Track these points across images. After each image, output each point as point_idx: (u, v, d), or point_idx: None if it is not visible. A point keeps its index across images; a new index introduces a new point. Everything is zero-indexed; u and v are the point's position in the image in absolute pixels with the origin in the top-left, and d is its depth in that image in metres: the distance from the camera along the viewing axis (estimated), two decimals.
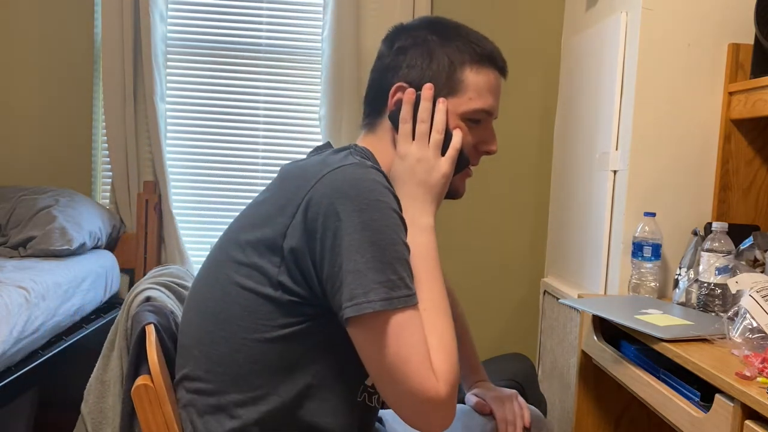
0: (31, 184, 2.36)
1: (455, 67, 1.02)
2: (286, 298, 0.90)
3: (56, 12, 2.42)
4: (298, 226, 0.89)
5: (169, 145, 2.46)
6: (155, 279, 1.19)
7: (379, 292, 0.84)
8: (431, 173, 0.99)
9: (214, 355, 0.95)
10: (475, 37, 1.07)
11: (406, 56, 1.03)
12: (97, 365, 1.13)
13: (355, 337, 0.88)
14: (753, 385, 1.04)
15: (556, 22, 2.50)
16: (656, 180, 1.80)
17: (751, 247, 1.55)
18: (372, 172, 0.91)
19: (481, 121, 1.05)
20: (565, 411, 2.05)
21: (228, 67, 2.48)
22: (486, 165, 2.51)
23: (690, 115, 1.79)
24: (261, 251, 0.91)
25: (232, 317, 0.93)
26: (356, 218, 0.86)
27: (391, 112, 1.03)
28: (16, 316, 1.57)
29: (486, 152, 1.08)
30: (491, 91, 1.04)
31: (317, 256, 0.88)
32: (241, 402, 0.93)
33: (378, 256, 0.85)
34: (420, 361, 0.85)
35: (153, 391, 0.94)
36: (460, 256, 2.55)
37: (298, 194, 0.90)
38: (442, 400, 0.86)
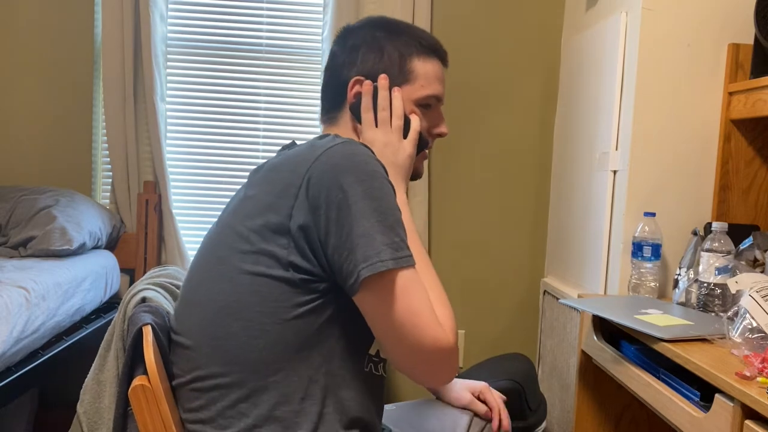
0: (31, 184, 2.36)
1: (405, 58, 1.12)
2: (298, 277, 0.95)
3: (56, 12, 2.42)
4: (303, 204, 0.94)
5: (169, 145, 2.46)
6: (152, 280, 1.19)
7: (388, 252, 0.91)
8: (398, 155, 1.10)
9: (233, 347, 0.97)
10: (419, 31, 1.16)
11: (359, 52, 1.13)
12: (93, 365, 1.14)
13: (367, 299, 0.93)
14: (753, 385, 1.04)
15: (556, 22, 2.50)
16: (656, 180, 1.80)
17: (751, 247, 1.56)
18: (362, 147, 0.98)
19: (431, 107, 1.15)
20: (565, 411, 2.05)
21: (228, 67, 2.49)
22: (486, 165, 2.53)
23: (690, 115, 1.79)
24: (267, 237, 0.96)
25: (248, 305, 0.97)
26: (358, 188, 0.92)
27: (352, 104, 1.12)
28: (16, 316, 1.57)
29: (438, 135, 1.18)
30: (438, 79, 1.15)
31: (323, 230, 0.93)
32: (263, 387, 0.96)
33: (382, 220, 0.92)
34: (429, 312, 0.93)
35: (150, 392, 0.94)
36: (460, 256, 2.55)
37: (297, 176, 0.96)
38: (452, 347, 0.94)
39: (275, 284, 0.95)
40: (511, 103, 2.53)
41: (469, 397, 1.30)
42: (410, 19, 2.40)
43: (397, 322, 0.92)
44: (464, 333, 2.57)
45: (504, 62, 2.52)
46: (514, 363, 2.18)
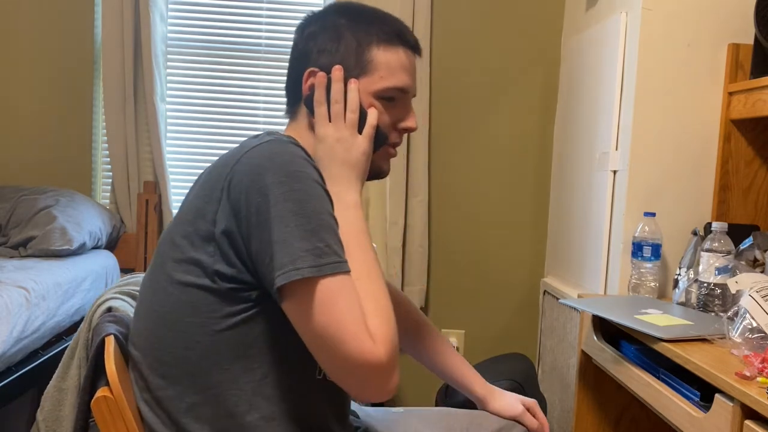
0: (31, 184, 2.36)
1: (363, 47, 1.03)
2: (225, 287, 0.90)
3: (56, 12, 2.42)
4: (225, 209, 0.89)
5: (169, 145, 2.46)
6: (120, 288, 1.17)
7: (307, 260, 0.84)
8: (351, 152, 1.01)
9: (169, 358, 0.94)
10: (384, 18, 1.07)
11: (316, 41, 1.05)
12: (56, 373, 1.11)
13: (288, 309, 0.87)
14: (753, 385, 1.04)
15: (556, 22, 2.50)
16: (656, 180, 1.80)
17: (750, 247, 1.55)
18: (289, 146, 0.92)
19: (395, 99, 1.06)
20: (565, 411, 2.05)
21: (228, 67, 2.49)
22: (486, 165, 2.53)
23: (690, 115, 1.79)
24: (196, 244, 0.91)
25: (180, 316, 0.93)
26: (277, 191, 0.86)
27: (306, 97, 1.05)
28: (16, 316, 1.57)
29: (405, 129, 1.09)
30: (403, 69, 1.05)
31: (245, 236, 0.88)
32: (203, 401, 0.93)
33: (302, 224, 0.85)
34: (355, 324, 0.85)
35: (113, 403, 0.92)
36: (460, 256, 2.55)
37: (220, 180, 0.91)
38: (383, 363, 0.85)
39: (203, 295, 0.91)
40: (511, 103, 2.53)
41: (521, 408, 1.24)
42: (410, 20, 2.40)
43: (318, 333, 0.85)
44: (464, 333, 2.57)
45: (504, 62, 2.52)
46: (514, 363, 2.18)
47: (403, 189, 2.44)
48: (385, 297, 0.92)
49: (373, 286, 0.91)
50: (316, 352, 0.88)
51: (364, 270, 0.92)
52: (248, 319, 0.92)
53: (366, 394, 0.89)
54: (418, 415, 1.24)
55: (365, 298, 0.88)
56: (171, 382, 0.94)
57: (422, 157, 2.46)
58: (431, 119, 2.48)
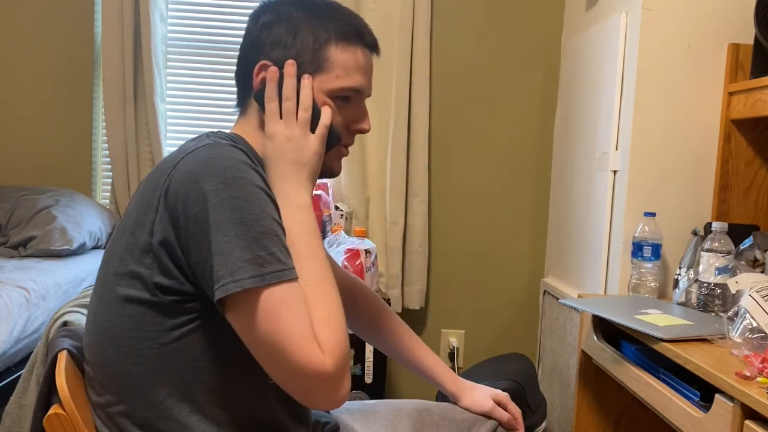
0: (31, 184, 2.36)
1: (320, 44, 0.98)
2: (166, 300, 0.87)
3: (56, 12, 2.42)
4: (163, 218, 0.86)
5: (169, 145, 2.46)
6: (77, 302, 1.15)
7: (247, 270, 0.81)
8: (301, 151, 0.96)
9: (116, 374, 0.91)
10: (343, 14, 1.02)
11: (270, 33, 1.00)
12: (16, 388, 1.09)
13: (232, 320, 0.84)
14: (753, 385, 1.04)
15: (556, 22, 2.50)
16: (656, 180, 1.80)
17: (751, 247, 1.55)
18: (227, 149, 0.88)
19: (350, 99, 1.02)
20: (565, 411, 2.05)
21: (228, 67, 2.48)
22: (486, 165, 2.53)
23: (690, 115, 1.79)
24: (136, 256, 0.88)
25: (124, 331, 0.90)
26: (214, 198, 0.83)
27: (257, 91, 1.00)
28: (16, 316, 1.57)
29: (358, 131, 1.05)
30: (359, 69, 1.01)
31: (184, 246, 0.85)
32: (156, 416, 0.90)
33: (242, 233, 0.82)
34: (301, 335, 0.82)
35: (66, 420, 0.90)
36: (460, 256, 2.55)
37: (157, 187, 0.87)
38: (330, 373, 0.83)
39: (144, 309, 0.88)
40: (511, 103, 2.53)
41: (491, 403, 1.22)
42: (410, 20, 2.40)
43: (263, 344, 0.82)
44: (464, 333, 2.57)
45: (504, 62, 2.52)
46: (514, 363, 2.18)
47: (403, 189, 2.44)
48: (336, 303, 0.89)
49: (322, 291, 0.88)
50: (263, 362, 0.85)
51: (314, 275, 0.89)
52: (193, 330, 0.89)
53: (315, 404, 0.88)
54: (391, 407, 1.22)
55: (314, 305, 0.86)
56: (122, 397, 0.91)
57: (422, 157, 2.45)
58: (431, 119, 2.48)
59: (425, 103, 2.45)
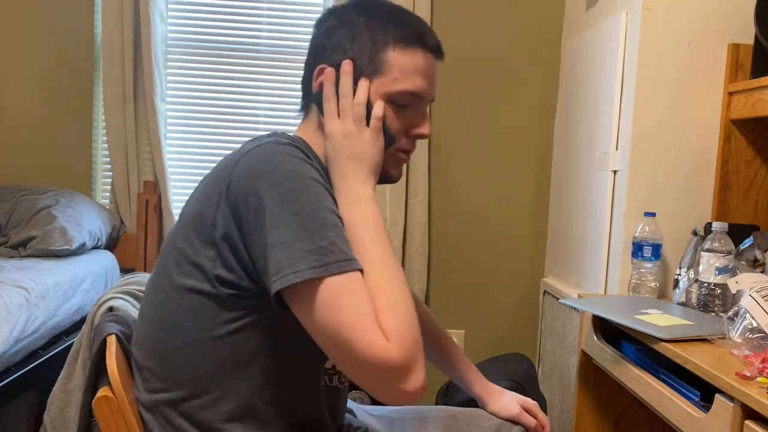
0: (31, 184, 2.36)
1: (378, 47, 0.99)
2: (225, 293, 0.89)
3: (56, 12, 2.42)
4: (225, 213, 0.88)
5: (169, 145, 2.46)
6: (121, 288, 1.17)
7: (309, 261, 0.82)
8: (357, 146, 0.97)
9: (169, 363, 0.94)
10: (405, 18, 1.03)
11: (331, 38, 1.01)
12: (61, 375, 1.11)
13: (294, 311, 0.85)
14: (753, 385, 1.04)
15: (556, 22, 2.50)
16: (656, 180, 1.80)
17: (751, 247, 1.55)
18: (286, 147, 0.90)
19: (409, 104, 1.01)
20: (565, 411, 2.05)
21: (228, 67, 2.49)
22: (486, 165, 2.53)
23: (690, 115, 1.79)
24: (196, 248, 0.90)
25: (180, 320, 0.92)
26: (274, 193, 0.85)
27: (315, 94, 1.01)
28: (16, 316, 1.57)
29: (418, 136, 1.04)
30: (419, 73, 1.00)
31: (246, 239, 0.87)
32: (202, 405, 0.92)
33: (302, 224, 0.83)
34: (363, 323, 0.81)
35: (115, 403, 0.92)
36: (460, 256, 2.55)
37: (219, 183, 0.90)
38: (396, 361, 0.81)
39: (203, 300, 0.90)
40: (511, 103, 2.53)
41: (518, 408, 1.22)
42: None
43: (326, 335, 0.82)
44: (464, 333, 2.57)
45: (504, 62, 2.52)
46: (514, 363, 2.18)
47: (403, 189, 2.44)
48: (402, 291, 0.88)
49: (387, 280, 0.87)
50: (331, 355, 0.86)
51: (378, 264, 0.88)
52: (248, 325, 0.91)
53: (388, 396, 0.84)
54: (417, 414, 1.23)
55: (378, 294, 0.85)
56: (170, 386, 0.94)
57: (422, 157, 2.46)
58: (431, 119, 2.48)
59: None
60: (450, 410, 1.24)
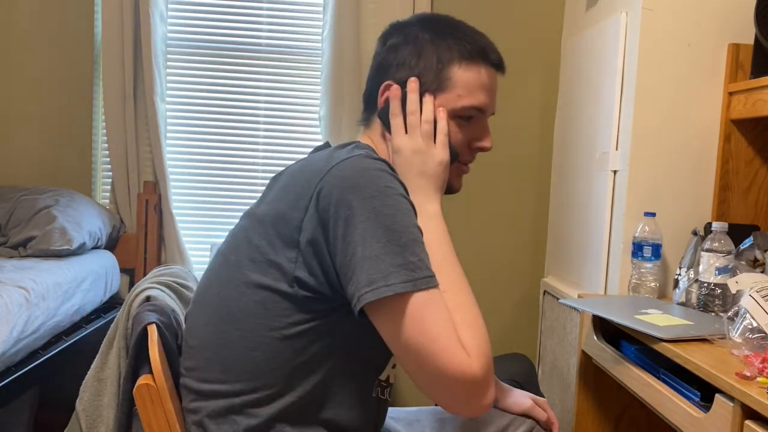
0: (31, 184, 2.36)
1: (443, 64, 1.02)
2: (301, 294, 0.91)
3: (56, 12, 2.42)
4: (312, 218, 0.90)
5: (169, 145, 2.46)
6: (156, 279, 1.19)
7: (400, 275, 0.84)
8: (427, 162, 1.01)
9: (230, 355, 0.95)
10: (468, 33, 1.06)
11: (396, 54, 1.04)
12: (94, 363, 1.13)
13: (378, 323, 0.87)
14: (753, 385, 1.04)
15: (556, 22, 2.50)
16: (656, 180, 1.80)
17: (751, 247, 1.55)
18: (378, 162, 0.92)
19: (473, 118, 1.06)
20: (565, 411, 2.05)
21: (228, 67, 2.48)
22: (486, 165, 2.53)
23: (690, 115, 1.79)
24: (277, 248, 0.92)
25: (249, 315, 0.94)
26: (367, 205, 0.87)
27: (381, 110, 1.04)
28: (16, 316, 1.57)
29: (480, 149, 1.10)
30: (482, 88, 1.05)
31: (331, 246, 0.88)
32: (257, 401, 0.94)
33: (394, 240, 0.86)
34: (448, 337, 0.84)
35: (155, 391, 0.94)
36: (460, 256, 2.54)
37: (308, 188, 0.91)
38: (477, 375, 0.84)
39: (278, 298, 0.92)
40: (511, 103, 2.53)
41: (529, 402, 1.24)
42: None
43: (410, 348, 0.85)
44: None
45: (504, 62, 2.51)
46: (514, 363, 2.18)
47: None
48: (475, 308, 0.92)
49: (461, 297, 0.91)
50: (410, 367, 0.87)
51: (452, 282, 0.92)
52: (315, 329, 0.93)
53: (463, 409, 0.87)
54: (432, 413, 1.25)
55: (455, 310, 0.88)
56: (229, 378, 0.95)
57: None
58: None
59: None
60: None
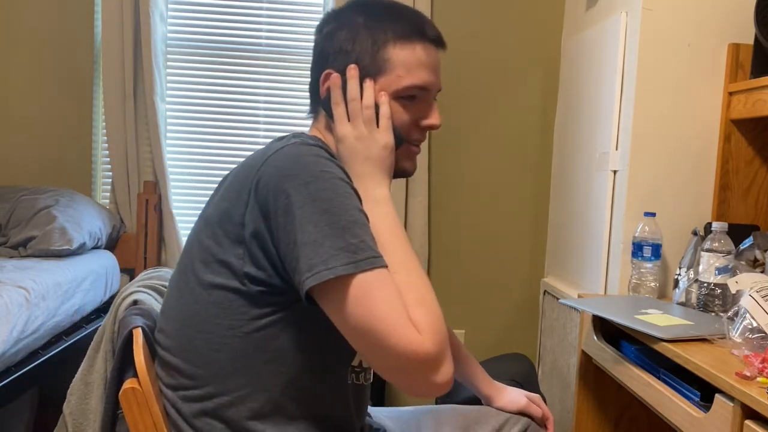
0: (31, 184, 2.36)
1: (379, 46, 1.00)
2: (255, 290, 0.90)
3: (56, 12, 2.42)
4: (253, 211, 0.89)
5: (169, 145, 2.46)
6: (143, 282, 1.18)
7: (341, 258, 0.83)
8: (371, 148, 0.99)
9: (197, 359, 0.94)
10: (402, 13, 1.04)
11: (333, 41, 1.03)
12: (81, 366, 1.12)
13: (325, 308, 0.86)
14: (753, 385, 1.04)
15: (556, 22, 2.50)
16: (656, 180, 1.80)
17: (751, 247, 1.55)
18: (313, 148, 0.91)
19: (417, 97, 1.03)
20: (565, 411, 2.05)
21: (228, 67, 2.48)
22: (486, 165, 2.53)
23: (690, 115, 1.79)
24: (225, 247, 0.92)
25: (208, 317, 0.93)
26: (303, 192, 0.86)
27: (323, 99, 1.04)
28: (16, 316, 1.57)
29: (428, 127, 1.06)
30: (422, 66, 1.01)
31: (274, 238, 0.88)
32: (230, 403, 0.93)
33: (333, 223, 0.85)
34: (397, 316, 0.82)
35: (141, 394, 0.93)
36: (460, 256, 2.55)
37: (247, 182, 0.91)
38: (430, 353, 0.83)
39: (233, 297, 0.91)
40: (511, 103, 2.53)
41: (525, 400, 1.24)
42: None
43: (359, 330, 0.83)
44: (464, 333, 2.57)
45: (504, 62, 2.52)
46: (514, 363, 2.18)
47: (403, 189, 2.44)
48: (426, 287, 0.90)
49: (412, 277, 0.89)
50: (363, 352, 0.86)
51: (402, 262, 0.90)
52: (277, 322, 0.92)
53: (418, 389, 0.85)
54: (429, 413, 1.25)
55: (406, 289, 0.87)
56: (198, 383, 0.94)
57: (422, 157, 2.45)
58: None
59: None
60: (459, 409, 1.26)
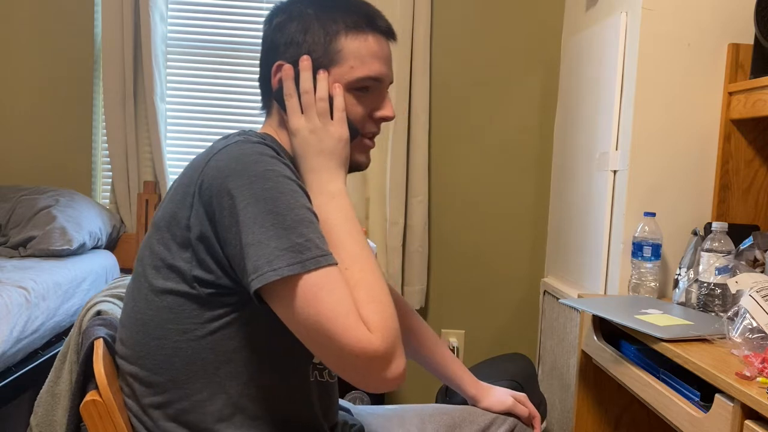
0: (31, 184, 2.36)
1: (331, 37, 0.98)
2: (205, 292, 0.89)
3: (56, 12, 2.42)
4: (198, 213, 0.88)
5: (169, 145, 2.46)
6: (109, 292, 1.17)
7: (285, 258, 0.82)
8: (325, 140, 0.97)
9: (153, 366, 0.93)
10: (353, 3, 1.02)
11: (283, 33, 1.00)
12: (48, 377, 1.11)
13: (274, 308, 0.85)
14: (753, 385, 1.04)
15: (556, 22, 2.50)
16: (656, 180, 1.80)
17: (751, 247, 1.55)
18: (257, 146, 0.89)
19: (369, 89, 1.01)
20: (565, 411, 2.05)
21: (228, 67, 2.49)
22: (486, 165, 2.53)
23: (690, 115, 1.79)
24: (173, 251, 0.90)
25: (161, 323, 0.92)
26: (247, 192, 0.84)
27: (276, 91, 1.01)
28: (16, 316, 1.57)
29: (382, 119, 1.04)
30: (374, 57, 1.00)
31: (221, 239, 0.86)
32: (190, 407, 0.92)
33: (278, 223, 0.83)
34: (345, 315, 0.82)
35: (102, 406, 0.92)
36: (460, 256, 2.55)
37: (191, 184, 0.89)
38: (380, 350, 0.82)
39: (183, 301, 0.90)
40: (511, 103, 2.53)
41: (511, 400, 1.24)
42: (410, 20, 2.40)
43: (309, 329, 0.83)
44: (464, 333, 2.57)
45: (504, 62, 2.52)
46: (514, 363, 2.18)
47: (403, 189, 2.44)
48: (378, 283, 0.88)
49: (364, 274, 0.88)
50: (313, 348, 0.85)
51: (354, 258, 0.89)
52: (229, 324, 0.90)
53: (371, 385, 0.85)
54: (413, 412, 1.24)
55: (356, 286, 0.86)
56: (157, 389, 0.93)
57: (422, 157, 2.46)
58: (431, 119, 2.48)
59: (425, 103, 2.45)
60: (445, 408, 1.25)
